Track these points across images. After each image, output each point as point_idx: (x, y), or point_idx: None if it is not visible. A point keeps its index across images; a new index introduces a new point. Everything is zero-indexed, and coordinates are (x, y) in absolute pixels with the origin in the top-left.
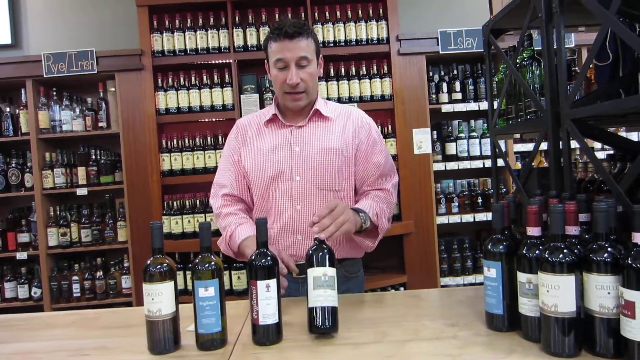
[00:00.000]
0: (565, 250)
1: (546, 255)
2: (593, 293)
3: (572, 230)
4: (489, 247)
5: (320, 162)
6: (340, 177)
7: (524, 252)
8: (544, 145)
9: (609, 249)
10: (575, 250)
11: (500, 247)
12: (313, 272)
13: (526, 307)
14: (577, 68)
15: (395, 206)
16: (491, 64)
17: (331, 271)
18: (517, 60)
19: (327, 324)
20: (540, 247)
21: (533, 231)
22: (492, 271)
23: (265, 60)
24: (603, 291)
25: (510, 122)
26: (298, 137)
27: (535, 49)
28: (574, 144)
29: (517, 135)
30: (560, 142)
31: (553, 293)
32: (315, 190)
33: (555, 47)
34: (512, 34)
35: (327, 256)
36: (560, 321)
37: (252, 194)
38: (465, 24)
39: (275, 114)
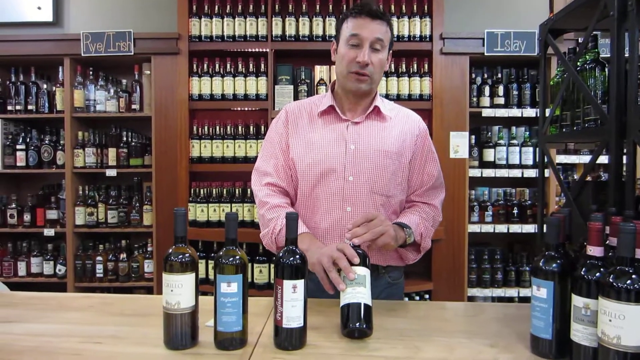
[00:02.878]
0: (634, 276)
1: (611, 280)
2: None
3: None
4: (541, 264)
5: (376, 164)
6: (394, 182)
7: (582, 273)
8: (585, 159)
9: None
10: None
11: (554, 265)
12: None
13: (580, 334)
14: None
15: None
16: (546, 66)
17: (362, 270)
18: (578, 63)
19: (360, 322)
20: (602, 270)
21: (594, 251)
22: (542, 291)
23: (333, 41)
24: None
25: (564, 129)
26: (354, 134)
27: (601, 53)
28: None
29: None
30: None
31: (616, 323)
32: (367, 193)
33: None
34: (571, 39)
35: (360, 258)
36: (622, 355)
37: (298, 188)
38: (514, 27)
39: (332, 105)
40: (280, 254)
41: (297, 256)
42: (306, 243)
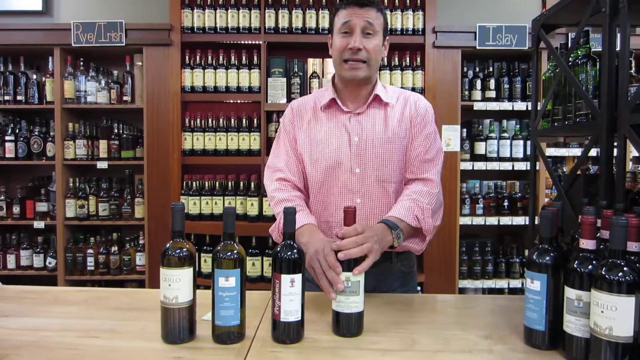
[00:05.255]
0: (625, 268)
1: (603, 272)
2: None
3: (633, 246)
4: (534, 257)
5: (380, 153)
6: (401, 168)
7: (575, 266)
8: (576, 152)
9: None
10: (636, 269)
11: (547, 258)
12: None
13: (573, 326)
14: (632, 71)
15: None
16: (538, 61)
17: (355, 277)
18: (570, 59)
19: (349, 330)
20: (594, 262)
21: (587, 244)
22: (536, 284)
23: (329, 37)
24: None
25: (556, 124)
26: (357, 126)
27: (592, 48)
28: None
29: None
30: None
31: (608, 314)
32: (375, 183)
33: (617, 46)
34: (562, 32)
35: (352, 262)
36: (614, 345)
37: (308, 184)
38: (506, 21)
39: (333, 98)
40: (278, 249)
41: (295, 250)
42: (306, 236)
